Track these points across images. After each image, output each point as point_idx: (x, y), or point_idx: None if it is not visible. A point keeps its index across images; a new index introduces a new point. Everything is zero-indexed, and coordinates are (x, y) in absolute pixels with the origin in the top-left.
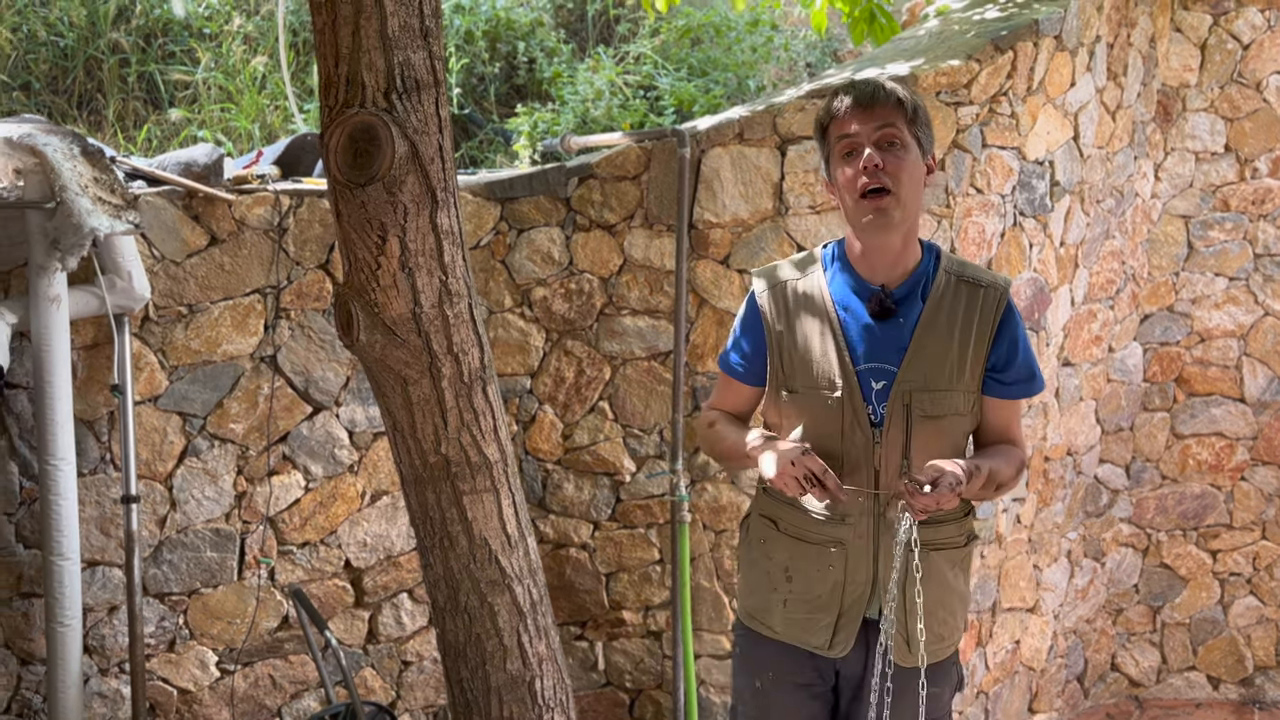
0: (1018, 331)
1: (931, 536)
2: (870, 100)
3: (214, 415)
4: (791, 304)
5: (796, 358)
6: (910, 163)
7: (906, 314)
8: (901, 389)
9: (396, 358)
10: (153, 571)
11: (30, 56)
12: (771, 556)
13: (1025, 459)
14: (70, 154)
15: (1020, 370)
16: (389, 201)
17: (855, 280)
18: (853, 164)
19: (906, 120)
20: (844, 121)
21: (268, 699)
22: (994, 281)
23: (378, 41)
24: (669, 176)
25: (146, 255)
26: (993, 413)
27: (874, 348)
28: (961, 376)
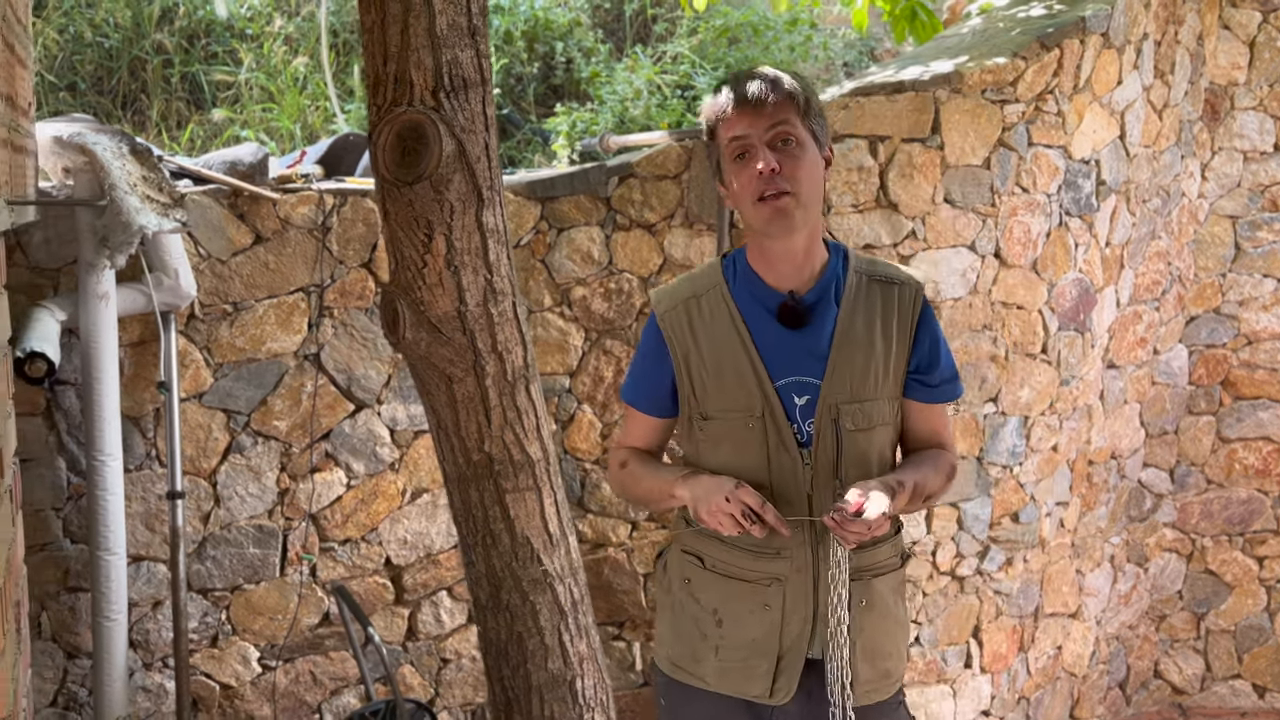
0: (937, 330)
1: (869, 562)
2: (759, 98)
3: (258, 412)
4: (696, 323)
5: (709, 381)
6: (808, 161)
7: (821, 320)
8: (828, 402)
9: (441, 355)
10: (196, 567)
11: (76, 57)
12: (698, 598)
13: (955, 461)
14: (119, 153)
15: (945, 371)
16: (436, 200)
17: (761, 289)
18: (746, 167)
19: (800, 114)
20: (732, 122)
21: (308, 695)
22: (908, 279)
23: (426, 40)
24: (709, 175)
25: (193, 253)
26: (919, 418)
27: (791, 359)
28: (886, 382)
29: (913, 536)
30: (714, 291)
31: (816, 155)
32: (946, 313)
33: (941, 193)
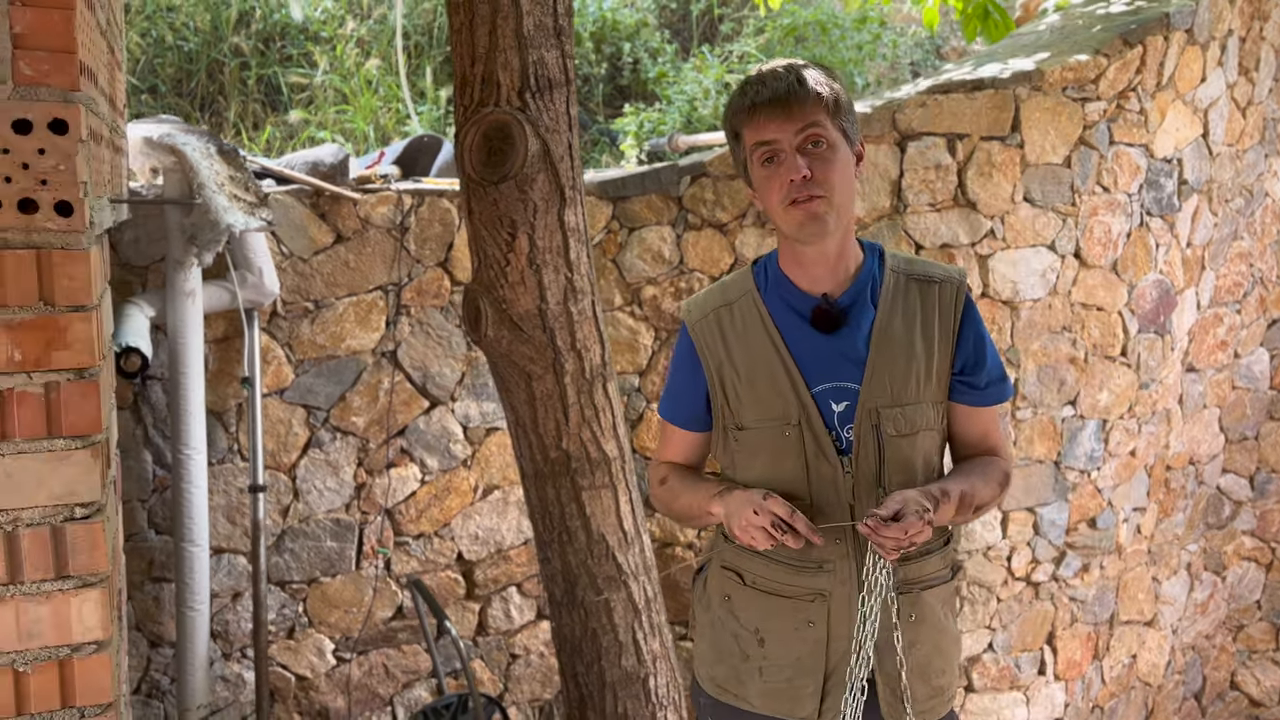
0: (981, 328)
1: (917, 574)
2: (787, 99)
3: (336, 408)
4: (728, 332)
5: (743, 390)
6: (840, 162)
7: (857, 322)
8: (867, 407)
9: (521, 353)
10: (275, 560)
11: (157, 60)
12: (738, 616)
13: (1009, 469)
14: (207, 153)
15: (992, 371)
16: (520, 199)
17: (794, 293)
18: (775, 171)
19: (829, 113)
20: (760, 126)
21: (381, 688)
22: (947, 275)
23: (513, 41)
24: None
25: (275, 252)
26: (967, 422)
27: (828, 365)
28: (929, 385)
29: (987, 541)
30: (745, 299)
31: (848, 154)
32: (1025, 313)
33: (1021, 191)
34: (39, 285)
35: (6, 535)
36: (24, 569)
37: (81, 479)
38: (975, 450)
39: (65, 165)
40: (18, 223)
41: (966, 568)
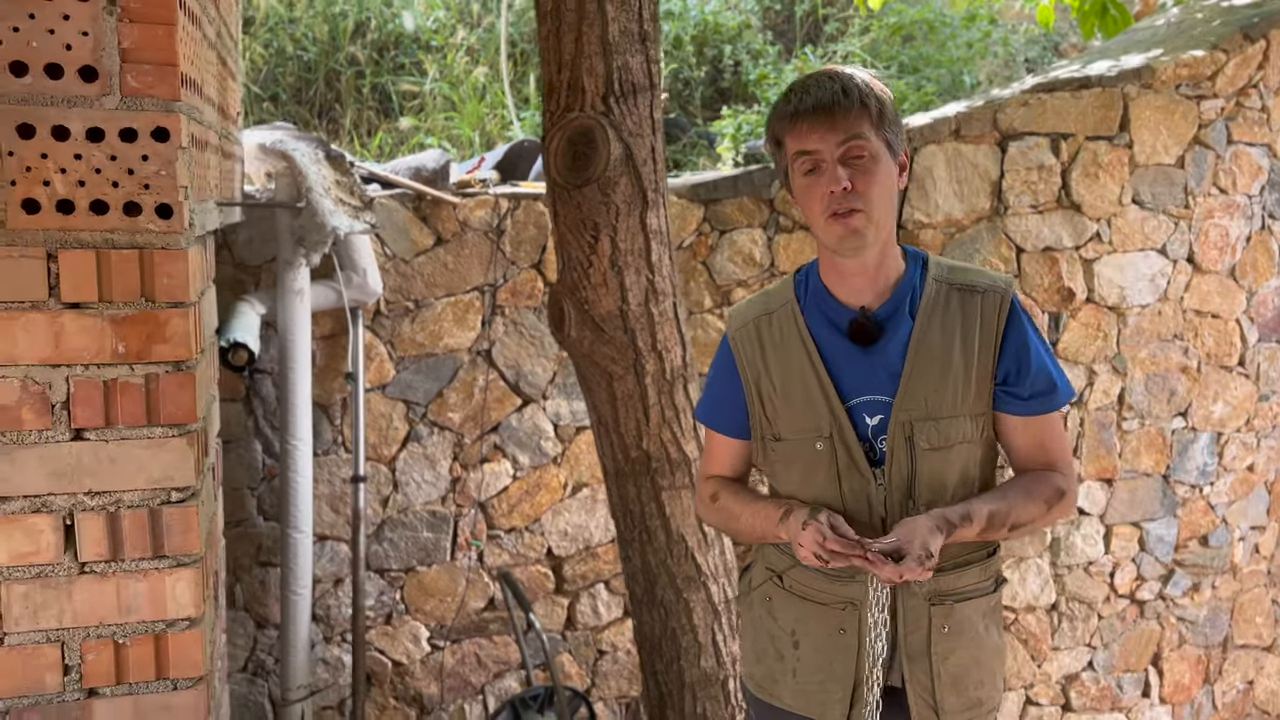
0: (1028, 336)
1: (952, 585)
2: (831, 109)
3: (434, 404)
4: (767, 342)
5: (779, 402)
6: (882, 175)
7: (894, 335)
8: (900, 420)
9: (603, 354)
10: (374, 548)
11: (278, 69)
12: (776, 618)
13: (1064, 485)
14: (316, 158)
15: (1038, 380)
16: (603, 202)
17: (833, 305)
18: (816, 182)
19: (873, 124)
20: (802, 135)
21: (473, 676)
22: (993, 284)
23: (598, 47)
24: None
25: (379, 253)
26: (1018, 433)
27: (863, 378)
28: (967, 397)
29: (1088, 556)
30: (785, 309)
31: (890, 166)
32: (1133, 320)
33: (1129, 193)
34: (141, 282)
35: (109, 516)
36: (124, 548)
37: (177, 465)
38: (1030, 463)
39: (166, 171)
40: (123, 224)
41: (1066, 582)
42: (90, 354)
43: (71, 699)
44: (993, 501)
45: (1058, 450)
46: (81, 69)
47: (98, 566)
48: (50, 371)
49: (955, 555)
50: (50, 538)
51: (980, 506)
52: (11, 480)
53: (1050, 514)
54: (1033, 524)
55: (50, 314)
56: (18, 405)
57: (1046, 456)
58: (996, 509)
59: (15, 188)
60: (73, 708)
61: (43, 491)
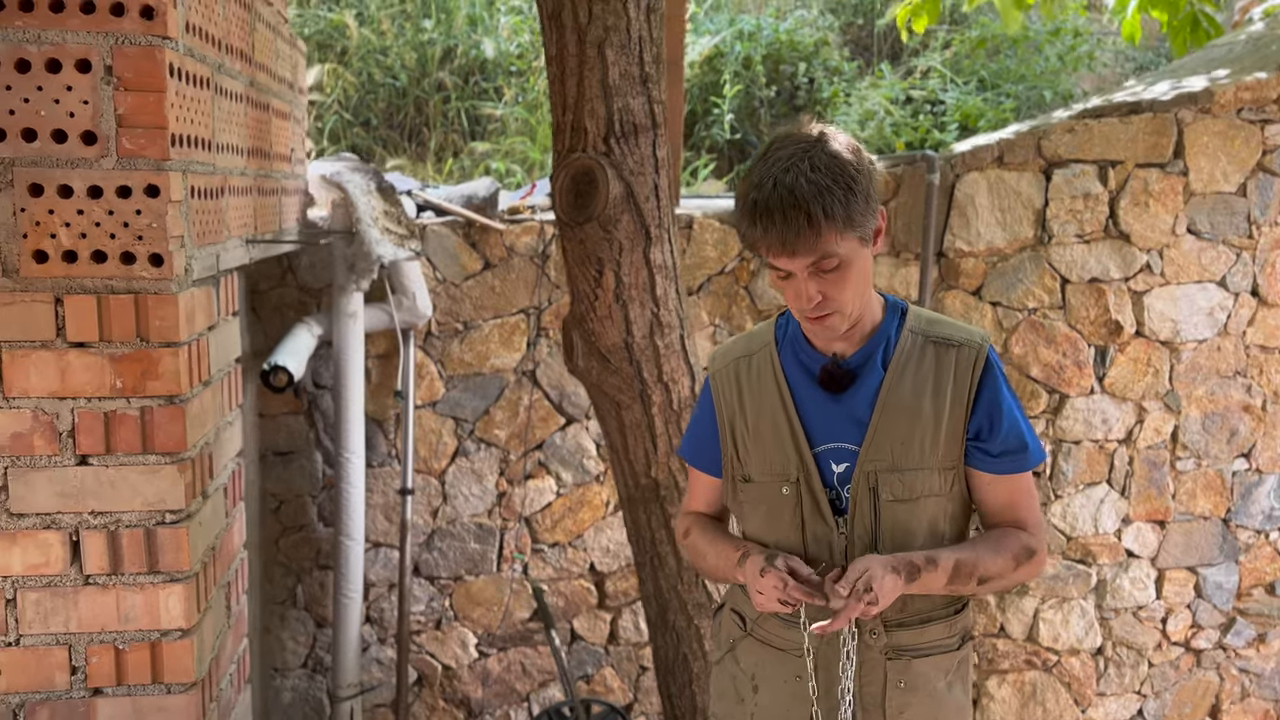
0: (1000, 394)
1: (913, 640)
2: (795, 242)
3: (481, 421)
4: (744, 383)
5: (750, 443)
6: (853, 275)
7: (865, 384)
8: (865, 469)
9: (611, 384)
10: (425, 556)
11: (370, 97)
12: (739, 660)
13: (1033, 544)
14: (367, 189)
15: (1009, 439)
16: (605, 238)
17: (807, 351)
18: (789, 284)
19: (839, 234)
20: (770, 256)
21: (518, 684)
22: (969, 339)
23: (599, 90)
24: (918, 203)
25: (430, 277)
26: (987, 491)
27: (832, 425)
28: (935, 452)
29: (1137, 600)
30: (763, 352)
31: (863, 255)
32: (1187, 355)
33: (1184, 223)
34: (136, 324)
35: (110, 534)
36: (124, 563)
37: (169, 490)
38: (999, 520)
39: (157, 224)
40: (119, 272)
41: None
42: (92, 388)
43: (78, 696)
44: (961, 551)
45: (1027, 509)
46: (83, 134)
47: (100, 579)
48: (58, 403)
49: (919, 610)
50: (59, 551)
51: (947, 555)
52: (25, 499)
53: (1018, 572)
54: (1000, 579)
55: (58, 352)
56: (30, 433)
57: (1015, 514)
58: (964, 558)
59: (27, 240)
60: (79, 704)
61: (52, 510)
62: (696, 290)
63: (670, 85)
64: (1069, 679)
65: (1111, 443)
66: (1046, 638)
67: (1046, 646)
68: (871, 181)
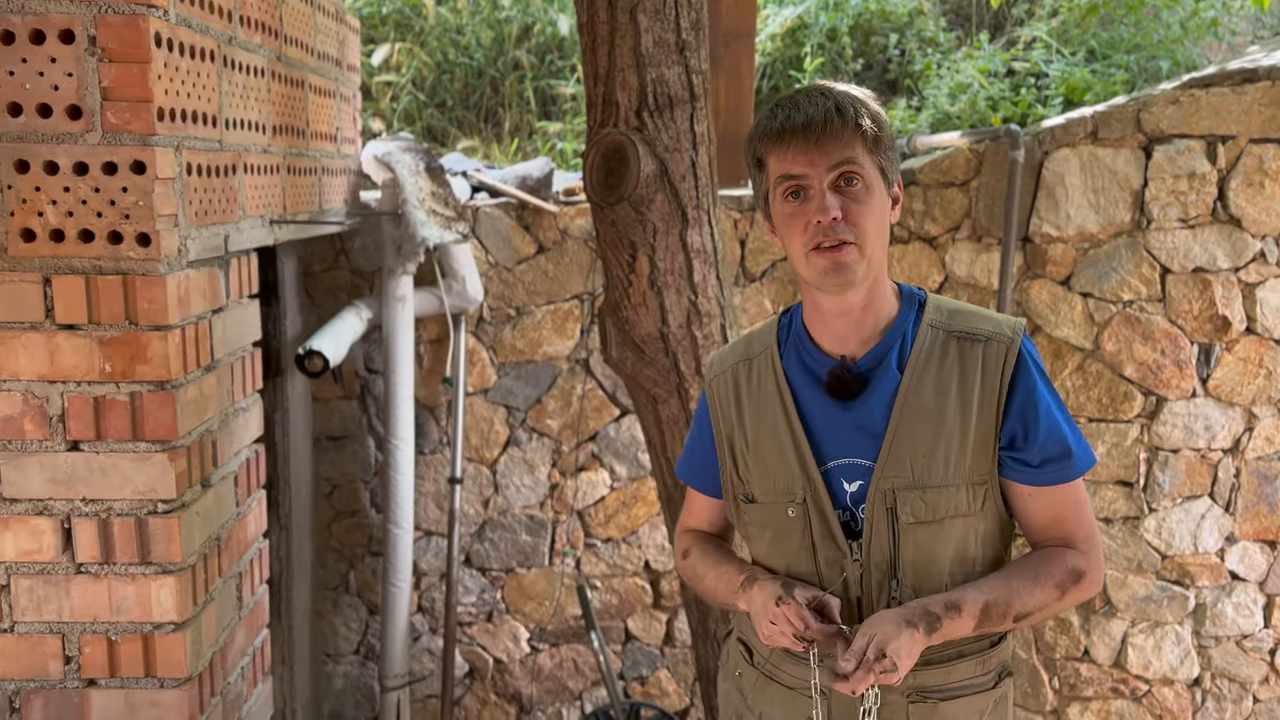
0: (1036, 393)
1: (940, 680)
2: (822, 129)
3: (533, 410)
4: (744, 392)
5: (751, 459)
6: (875, 205)
7: (879, 389)
8: (881, 488)
9: (646, 376)
10: (476, 547)
11: (445, 76)
12: (745, 693)
13: (1080, 565)
14: (415, 170)
15: (1050, 444)
16: (638, 220)
17: (812, 352)
18: (800, 208)
19: (869, 149)
20: (788, 157)
21: (570, 682)
22: (996, 331)
23: (631, 60)
24: (1001, 182)
25: (482, 261)
26: (1029, 505)
27: (842, 438)
28: (962, 465)
29: (1241, 628)
30: (764, 356)
31: (884, 196)
32: None
33: None
34: (124, 306)
35: (101, 522)
36: (115, 552)
37: (160, 479)
38: (1043, 538)
39: (144, 201)
40: (107, 252)
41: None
42: (81, 372)
43: (72, 687)
44: (990, 589)
45: (1076, 524)
46: (68, 108)
47: (92, 568)
48: (48, 387)
49: (947, 645)
50: (50, 538)
51: (974, 596)
52: (17, 484)
53: (1065, 599)
54: (1042, 611)
55: (46, 334)
56: (20, 417)
57: (1062, 531)
58: (994, 599)
59: (14, 218)
60: (73, 695)
61: (44, 496)
62: (760, 277)
63: (742, 58)
64: (1160, 711)
65: (1215, 452)
66: (1136, 665)
67: (1136, 674)
68: (894, 139)
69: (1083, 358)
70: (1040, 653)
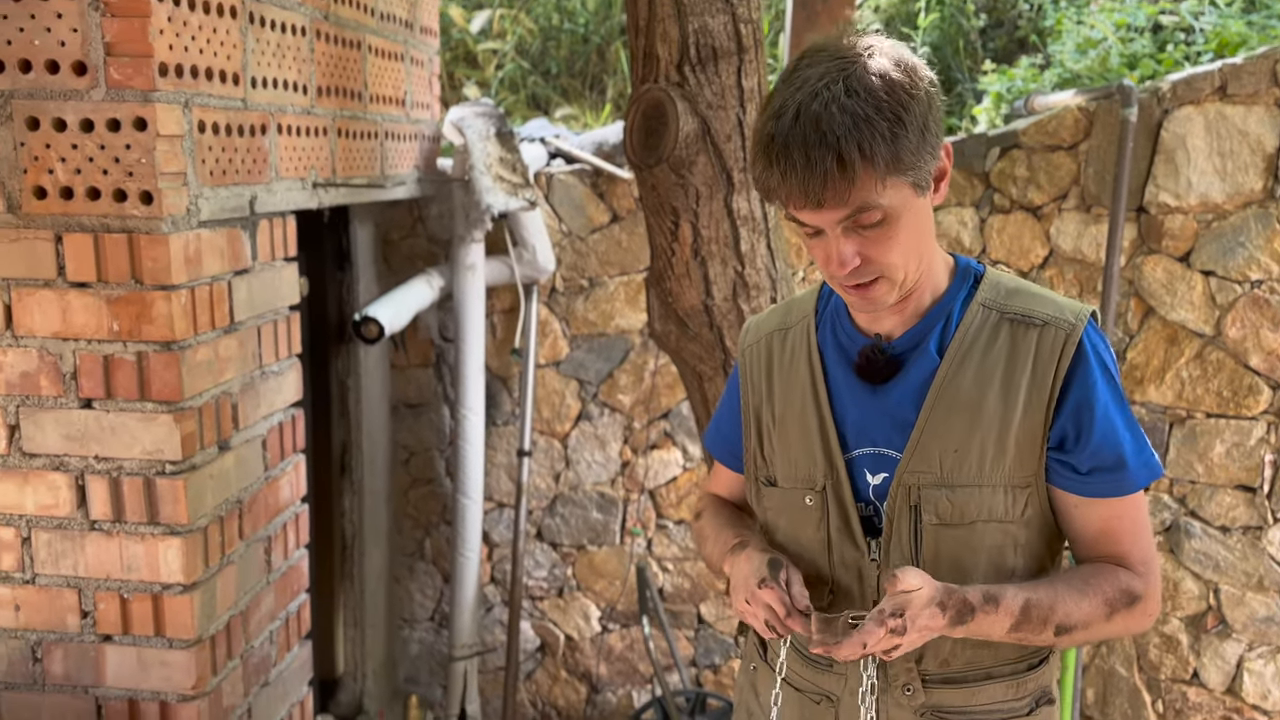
0: (1094, 390)
1: (960, 702)
2: (822, 191)
3: (605, 384)
4: (776, 363)
5: (777, 438)
6: (903, 231)
7: (913, 374)
8: (905, 483)
9: (690, 351)
10: (547, 522)
11: (551, 43)
12: (758, 692)
13: (1137, 588)
14: (485, 135)
15: (1102, 451)
16: (678, 184)
17: (847, 329)
18: (819, 244)
19: (887, 174)
20: (791, 207)
21: (640, 664)
22: (1056, 316)
23: (672, 9)
24: (1114, 145)
25: (555, 230)
26: (1078, 517)
27: (870, 425)
28: (1000, 464)
29: None
30: (801, 326)
31: (917, 206)
32: None
33: None
34: (130, 265)
35: (112, 480)
36: (125, 511)
37: (166, 439)
38: (1092, 554)
39: (146, 159)
40: (113, 209)
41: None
42: (91, 330)
43: (89, 641)
44: (1033, 589)
45: (1131, 542)
46: (74, 64)
47: (104, 525)
48: (61, 344)
49: (974, 663)
50: (66, 494)
51: (1014, 591)
52: (35, 439)
53: (1114, 622)
54: (1087, 629)
55: (59, 291)
56: (37, 373)
57: (1114, 549)
58: (1037, 598)
59: (27, 175)
60: (89, 649)
61: (60, 452)
62: None
63: (840, 11)
64: None
65: None
66: (1253, 693)
67: (1252, 704)
68: (930, 109)
69: (1202, 344)
70: (1144, 672)
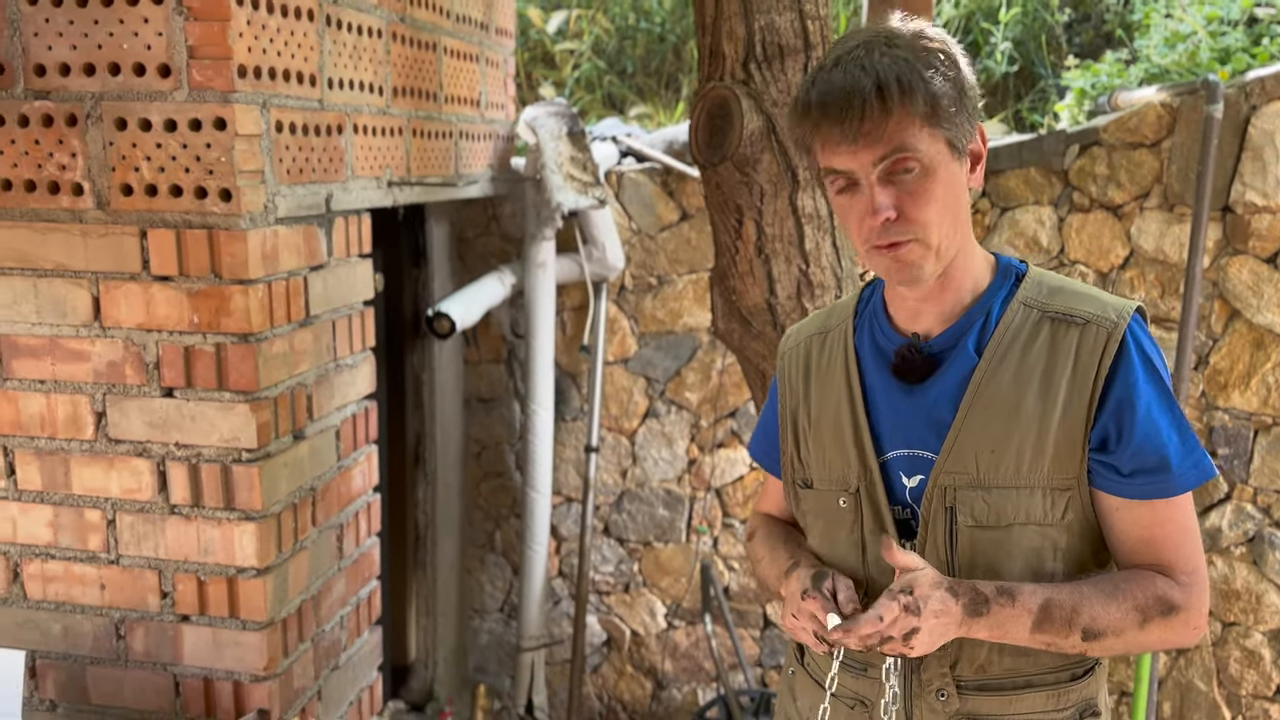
0: (1136, 388)
1: (996, 710)
2: (860, 118)
3: (672, 382)
4: (814, 367)
5: (811, 441)
6: (940, 189)
7: (951, 373)
8: (940, 485)
9: (754, 350)
10: (615, 517)
11: (627, 42)
12: (796, 696)
13: (1175, 597)
14: (557, 134)
15: (1145, 452)
16: (743, 182)
17: (884, 329)
18: (852, 202)
19: (927, 121)
20: (827, 150)
21: (706, 662)
22: (1099, 314)
23: (739, 6)
24: (1198, 142)
25: (625, 228)
26: (1116, 520)
27: (906, 426)
28: (1039, 466)
29: None
30: (840, 329)
31: (953, 169)
32: None
33: None
34: (210, 260)
35: (191, 466)
36: (203, 496)
37: (243, 428)
38: (1133, 560)
39: (225, 158)
40: (194, 206)
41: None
42: (173, 322)
43: (168, 620)
44: (1055, 589)
45: (1174, 549)
46: (159, 66)
47: (184, 509)
48: (145, 335)
49: (1013, 670)
50: (148, 479)
51: (1033, 588)
52: (120, 426)
53: (1147, 631)
54: (1119, 636)
55: (143, 284)
56: (122, 362)
57: (1157, 557)
58: (1058, 599)
59: (115, 173)
60: (169, 628)
61: (143, 439)
62: None
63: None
64: None
65: None
66: None
67: None
68: (968, 82)
69: None
70: (1224, 686)
